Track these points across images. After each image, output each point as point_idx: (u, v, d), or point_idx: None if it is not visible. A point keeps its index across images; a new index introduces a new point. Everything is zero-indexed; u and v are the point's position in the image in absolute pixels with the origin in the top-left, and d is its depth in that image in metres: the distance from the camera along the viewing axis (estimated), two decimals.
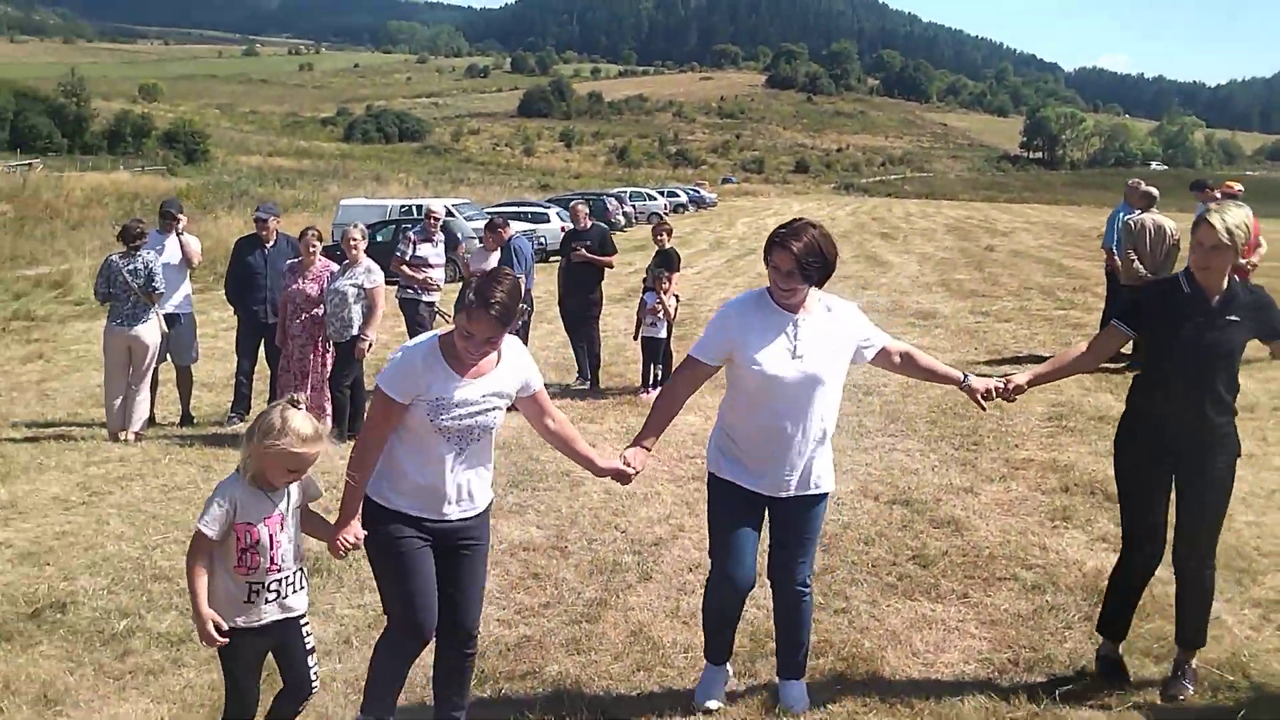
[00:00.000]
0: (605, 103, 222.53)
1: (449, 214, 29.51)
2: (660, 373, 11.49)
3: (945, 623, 5.27)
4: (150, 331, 9.53)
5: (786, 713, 4.36)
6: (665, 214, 55.05)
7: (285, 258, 10.10)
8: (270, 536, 3.60)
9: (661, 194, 61.93)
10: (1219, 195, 12.54)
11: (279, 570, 3.65)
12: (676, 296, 11.84)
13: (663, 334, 11.48)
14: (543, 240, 30.17)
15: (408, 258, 11.90)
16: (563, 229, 29.84)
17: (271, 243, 10.41)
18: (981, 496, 7.40)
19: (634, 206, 51.01)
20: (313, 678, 3.84)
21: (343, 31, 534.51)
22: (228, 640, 3.56)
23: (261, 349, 10.48)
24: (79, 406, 11.09)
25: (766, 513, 4.34)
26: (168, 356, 10.29)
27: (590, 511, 7.22)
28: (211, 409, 10.89)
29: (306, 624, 3.83)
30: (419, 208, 31.44)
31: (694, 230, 45.80)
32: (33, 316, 19.00)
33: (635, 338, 11.85)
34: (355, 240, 9.61)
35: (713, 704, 4.39)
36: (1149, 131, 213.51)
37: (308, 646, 3.82)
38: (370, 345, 9.59)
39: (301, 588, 3.78)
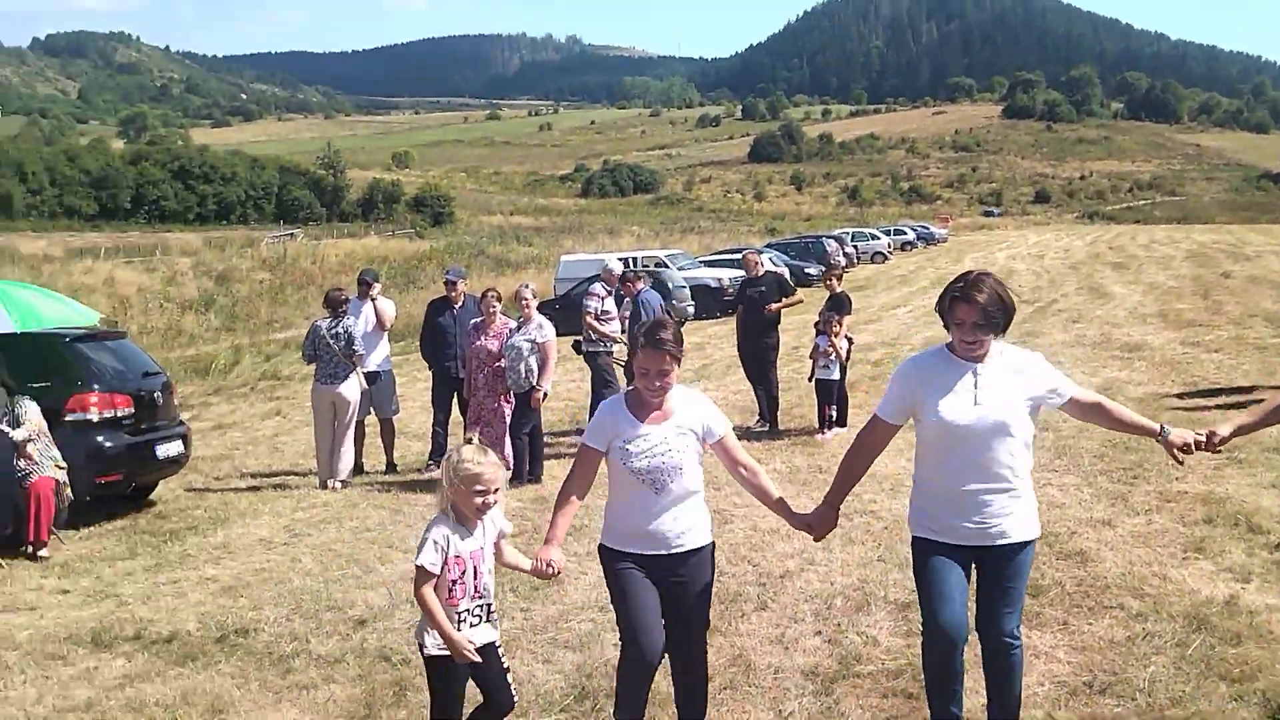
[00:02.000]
0: (836, 143, 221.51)
1: (660, 265, 30.43)
2: (834, 414, 11.77)
3: (1036, 648, 5.41)
4: (351, 389, 10.54)
5: None
6: (889, 252, 54.73)
7: (472, 316, 10.95)
8: (475, 567, 4.13)
9: (886, 233, 61.24)
10: None
11: (482, 598, 4.18)
12: (849, 339, 12.11)
13: (835, 375, 11.75)
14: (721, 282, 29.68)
15: (597, 312, 12.65)
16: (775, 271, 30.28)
17: (460, 303, 11.31)
18: (1119, 529, 7.40)
19: (856, 247, 50.78)
20: (513, 693, 4.32)
21: (579, 91, 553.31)
22: (479, 659, 4.05)
23: (455, 401, 11.35)
24: (302, 458, 12.25)
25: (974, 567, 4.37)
26: (371, 410, 11.30)
27: (730, 547, 7.59)
28: (415, 458, 11.84)
29: (501, 648, 4.32)
30: (635, 260, 32.50)
31: (917, 268, 45.37)
32: (278, 376, 20.80)
33: (810, 379, 12.17)
34: (527, 300, 10.40)
35: None
36: None
37: (505, 666, 4.31)
38: (545, 395, 10.33)
39: (495, 617, 4.30)
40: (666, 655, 4.49)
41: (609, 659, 5.32)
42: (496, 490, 4.13)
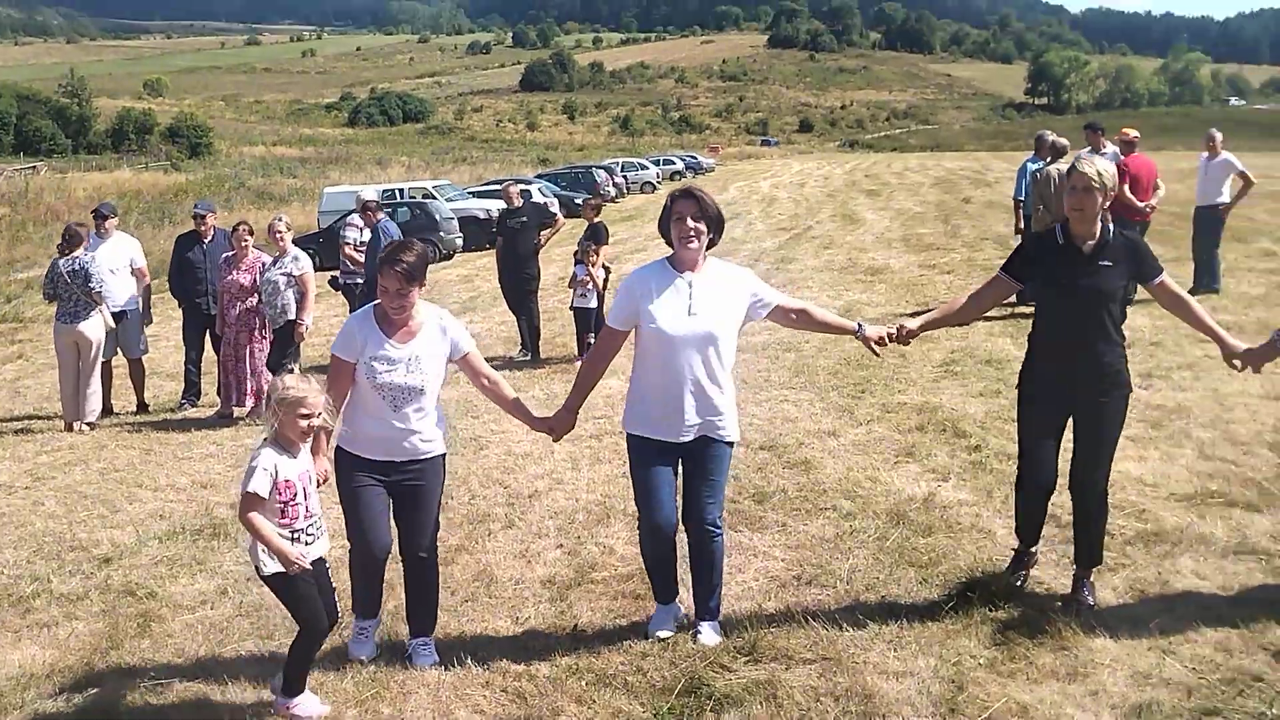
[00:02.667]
0: (607, 72, 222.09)
1: (427, 196, 30.14)
2: (593, 341, 12.13)
3: (754, 548, 5.92)
4: (93, 327, 10.20)
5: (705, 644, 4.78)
6: (659, 182, 55.58)
7: (222, 251, 10.75)
8: (304, 489, 4.33)
9: (655, 163, 62.19)
10: (1114, 139, 13.12)
11: (312, 516, 4.37)
12: (606, 268, 12.45)
13: (593, 304, 12.08)
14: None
15: (355, 243, 12.62)
16: (546, 203, 30.42)
17: (209, 238, 11.07)
18: (842, 439, 8.02)
19: (625, 177, 51.41)
20: (337, 608, 4.54)
21: (344, 15, 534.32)
22: (308, 565, 4.26)
23: (209, 338, 11.14)
24: (46, 401, 11.77)
25: (680, 463, 4.83)
26: (118, 351, 10.97)
27: (484, 471, 7.87)
28: (168, 398, 11.57)
29: (328, 565, 4.54)
30: (402, 191, 32.07)
31: None
32: (20, 318, 19.73)
33: (570, 308, 12.48)
34: (281, 233, 10.25)
35: (663, 633, 4.84)
36: (1154, 70, 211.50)
37: (332, 584, 4.52)
38: (308, 328, 10.26)
39: (325, 532, 4.50)
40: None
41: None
42: (320, 414, 4.34)
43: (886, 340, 5.01)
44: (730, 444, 4.85)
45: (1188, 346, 9.95)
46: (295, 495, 4.27)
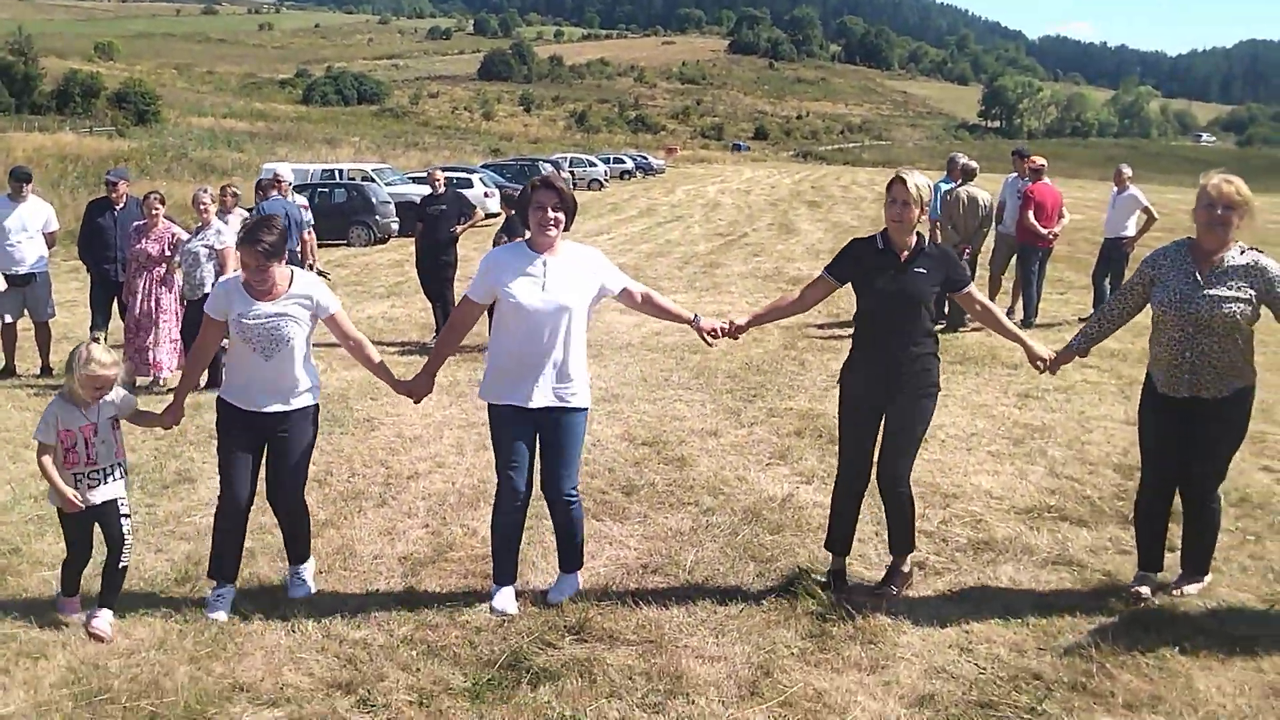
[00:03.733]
0: (566, 66, 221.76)
1: (365, 178, 30.13)
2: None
3: (611, 536, 6.16)
4: None
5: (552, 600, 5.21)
6: (606, 180, 55.81)
7: (134, 219, 10.80)
8: (86, 440, 4.88)
9: (605, 160, 62.45)
10: (1038, 163, 13.51)
11: (94, 464, 4.92)
12: None
13: None
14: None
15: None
16: (485, 194, 30.54)
17: (121, 205, 11.11)
18: (723, 439, 8.29)
19: (573, 172, 51.59)
20: (126, 534, 5.03)
21: None
22: (83, 507, 4.88)
23: (115, 305, 11.17)
24: None
25: (538, 437, 5.14)
26: (25, 312, 10.99)
27: (369, 451, 8.03)
28: None
29: (124, 502, 5.07)
30: (341, 172, 32.03)
31: (631, 197, 46.52)
32: None
33: None
34: (205, 205, 10.32)
35: (501, 606, 5.13)
36: (1105, 102, 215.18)
37: (122, 513, 5.04)
38: None
39: (119, 479, 5.04)
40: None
41: None
42: (110, 386, 4.90)
43: (719, 333, 5.45)
44: (581, 410, 5.14)
45: (1070, 371, 10.32)
46: (75, 444, 4.85)
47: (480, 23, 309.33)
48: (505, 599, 5.17)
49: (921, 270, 5.10)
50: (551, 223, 5.00)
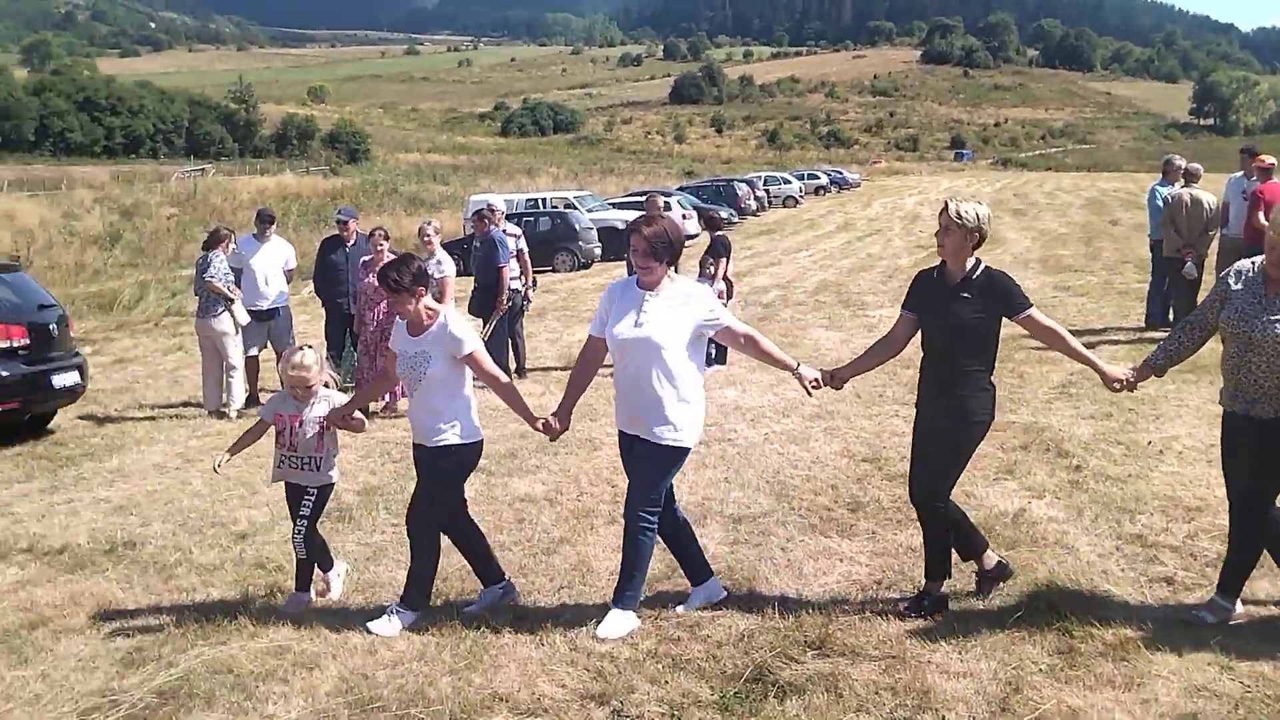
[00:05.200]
0: (756, 86, 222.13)
1: (569, 206, 30.85)
2: (714, 351, 12.40)
3: (841, 553, 6.15)
4: (222, 323, 10.96)
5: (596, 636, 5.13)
6: (801, 196, 55.58)
7: (363, 254, 11.40)
8: (290, 426, 5.63)
9: (800, 177, 62.12)
10: (1268, 162, 12.84)
11: (294, 451, 5.65)
12: (728, 280, 12.74)
13: None
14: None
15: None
16: (684, 216, 30.85)
17: (351, 242, 11.75)
18: None
19: (768, 191, 51.56)
20: (297, 529, 5.69)
21: (500, 26, 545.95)
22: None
23: (348, 337, 11.80)
24: (199, 391, 12.59)
25: None
26: (268, 344, 11.72)
27: (594, 470, 8.25)
28: None
29: (311, 495, 5.70)
30: (545, 200, 32.88)
31: (827, 212, 46.24)
32: (183, 312, 20.96)
33: None
34: (429, 236, 10.89)
35: (680, 608, 5.46)
36: None
37: (301, 511, 5.69)
38: None
39: (313, 470, 5.68)
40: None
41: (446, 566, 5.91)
42: (310, 386, 5.62)
43: (820, 383, 5.40)
44: (664, 446, 5.18)
45: None
46: (284, 429, 5.64)
47: (670, 48, 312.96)
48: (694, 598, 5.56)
49: (967, 296, 5.07)
50: (642, 267, 5.12)
